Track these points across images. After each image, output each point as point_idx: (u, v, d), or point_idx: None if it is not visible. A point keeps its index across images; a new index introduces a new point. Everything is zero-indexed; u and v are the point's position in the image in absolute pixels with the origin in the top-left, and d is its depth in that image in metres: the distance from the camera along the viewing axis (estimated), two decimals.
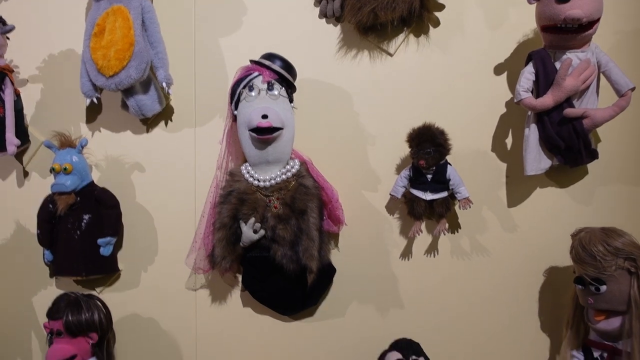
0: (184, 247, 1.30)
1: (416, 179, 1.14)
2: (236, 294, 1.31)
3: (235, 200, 1.17)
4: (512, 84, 1.15)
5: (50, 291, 1.42)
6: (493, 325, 1.17)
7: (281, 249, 1.15)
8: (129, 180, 1.39)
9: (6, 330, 1.45)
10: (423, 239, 1.20)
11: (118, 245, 1.37)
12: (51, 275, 1.41)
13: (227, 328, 1.30)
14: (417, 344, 1.10)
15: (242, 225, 1.18)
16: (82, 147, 1.33)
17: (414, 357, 1.06)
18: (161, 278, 1.35)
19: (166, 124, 1.38)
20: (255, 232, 1.17)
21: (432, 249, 1.21)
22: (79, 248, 1.31)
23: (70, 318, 1.22)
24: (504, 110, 1.18)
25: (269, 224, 1.16)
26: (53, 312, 1.24)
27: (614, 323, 0.97)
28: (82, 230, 1.31)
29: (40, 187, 1.41)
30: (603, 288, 0.96)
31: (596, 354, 1.01)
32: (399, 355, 1.06)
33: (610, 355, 0.99)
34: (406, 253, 1.22)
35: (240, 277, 1.30)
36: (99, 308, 1.27)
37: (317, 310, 1.26)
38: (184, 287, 1.34)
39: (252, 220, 1.16)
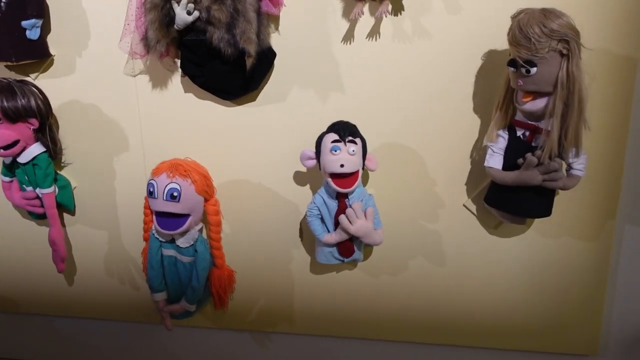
0: (118, 30, 1.37)
1: None
2: (177, 80, 1.43)
3: None
4: None
5: None
6: (430, 107, 1.34)
7: (217, 32, 1.24)
8: None
9: None
10: (364, 22, 1.30)
11: (46, 29, 1.43)
12: None
13: (170, 114, 1.45)
14: (354, 126, 1.26)
15: (175, 5, 1.24)
16: None
17: (350, 138, 1.25)
18: (97, 63, 1.44)
19: None
20: (189, 13, 1.24)
21: (374, 32, 1.31)
22: (3, 31, 1.37)
23: (6, 104, 1.34)
24: None
25: (203, 4, 1.22)
26: None
27: (539, 104, 1.14)
28: (3, 11, 1.35)
29: None
30: (534, 70, 1.10)
31: (519, 133, 1.21)
32: (336, 136, 1.25)
33: (532, 133, 1.18)
34: (348, 37, 1.32)
35: (179, 62, 1.40)
36: (35, 94, 1.40)
37: (259, 95, 1.41)
38: (122, 72, 1.45)
39: (185, 0, 1.23)
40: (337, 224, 1.31)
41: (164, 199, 1.28)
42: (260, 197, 1.48)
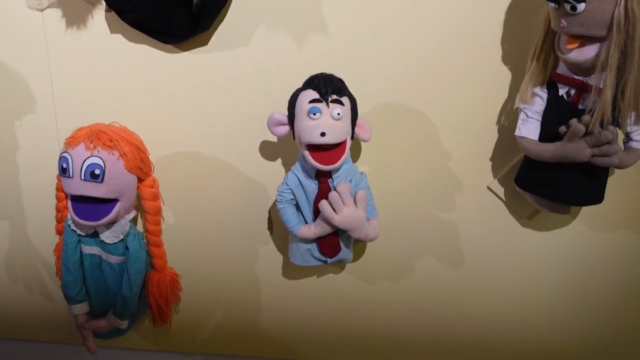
0: None
1: None
2: (100, 16, 1.39)
3: None
4: None
5: None
6: (443, 56, 1.31)
7: None
8: None
9: None
10: None
11: None
12: None
13: (91, 62, 1.41)
14: (340, 80, 1.22)
15: None
16: None
17: (334, 96, 1.20)
18: None
19: None
20: None
21: None
22: None
23: None
24: None
25: None
26: None
27: (589, 52, 1.11)
28: None
29: None
30: (581, 6, 1.07)
31: (562, 91, 1.18)
32: (315, 94, 1.20)
33: (579, 92, 1.16)
34: None
35: None
36: None
37: (212, 37, 1.37)
38: (25, 5, 1.40)
39: None
40: (317, 212, 1.29)
41: (82, 178, 1.25)
42: (215, 175, 1.46)
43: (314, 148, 1.23)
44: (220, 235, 1.51)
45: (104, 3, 1.37)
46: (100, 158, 1.26)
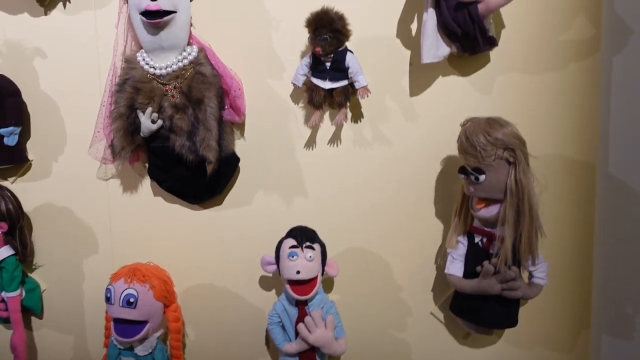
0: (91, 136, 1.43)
1: (315, 67, 1.25)
2: (146, 183, 1.46)
3: (130, 89, 1.28)
4: None
5: None
6: (393, 212, 1.34)
7: (179, 139, 1.28)
8: (31, 66, 1.47)
9: None
10: (326, 129, 1.34)
11: (26, 135, 1.50)
12: None
13: (140, 217, 1.47)
14: (312, 231, 1.27)
15: (140, 115, 1.30)
16: None
17: (308, 243, 1.23)
18: (72, 167, 1.49)
19: (64, 5, 1.43)
20: (153, 122, 1.29)
21: (335, 138, 1.35)
22: None
23: None
24: None
25: (167, 113, 1.28)
26: None
27: (493, 210, 1.14)
28: None
29: None
30: (482, 177, 1.11)
31: (477, 239, 1.19)
32: (293, 242, 1.24)
33: (489, 240, 1.17)
34: (310, 143, 1.36)
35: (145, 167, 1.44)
36: (6, 198, 1.43)
37: (225, 199, 1.42)
38: (95, 176, 1.48)
39: (150, 110, 1.28)
40: (297, 332, 1.26)
41: (120, 305, 1.25)
42: (226, 302, 1.46)
43: (292, 282, 1.23)
44: (229, 349, 1.49)
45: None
46: (135, 290, 1.27)
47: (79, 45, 1.44)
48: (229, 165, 1.36)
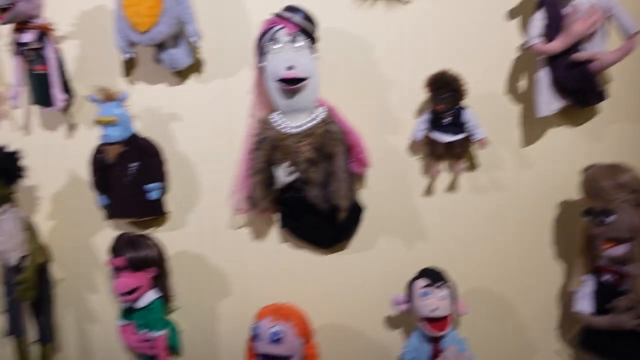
0: (223, 190, 1.59)
1: (435, 123, 1.37)
2: (274, 231, 1.60)
3: (268, 147, 1.43)
4: (523, 28, 1.34)
5: (105, 232, 1.75)
6: (513, 253, 1.42)
7: (313, 190, 1.41)
8: (168, 130, 1.66)
9: (72, 270, 1.81)
10: (443, 178, 1.44)
11: (164, 190, 1.67)
12: (106, 218, 1.74)
13: (269, 262, 1.60)
14: (442, 272, 1.36)
15: (276, 169, 1.44)
16: (123, 100, 1.60)
17: (440, 282, 1.33)
18: (205, 219, 1.65)
19: (199, 74, 1.62)
20: (288, 175, 1.43)
21: (453, 186, 1.45)
22: (129, 193, 1.61)
23: (131, 255, 1.55)
24: (516, 54, 1.37)
25: (301, 167, 1.42)
26: (116, 250, 1.57)
27: (621, 249, 1.20)
28: (131, 177, 1.61)
29: (86, 137, 1.70)
30: (611, 218, 1.18)
31: (605, 278, 1.25)
32: (426, 282, 1.34)
33: (618, 277, 1.22)
34: (429, 191, 1.47)
35: (275, 216, 1.58)
36: (155, 246, 1.60)
37: (350, 245, 1.54)
38: (226, 226, 1.63)
39: (285, 164, 1.43)
40: None
41: (268, 341, 1.37)
42: (354, 341, 1.56)
43: (428, 320, 1.32)
44: None
45: (277, 223, 1.55)
46: (281, 327, 1.38)
47: (212, 109, 1.61)
48: (354, 213, 1.48)
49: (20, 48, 1.63)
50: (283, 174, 1.42)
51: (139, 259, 1.54)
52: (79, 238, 1.78)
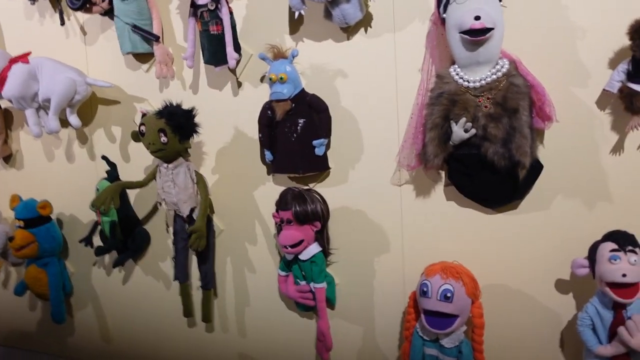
0: (387, 146, 1.59)
1: (636, 73, 1.26)
2: (439, 189, 1.57)
3: (446, 102, 1.39)
4: None
5: (268, 187, 1.81)
6: None
7: (492, 147, 1.36)
8: (333, 86, 1.67)
9: (233, 222, 1.90)
10: (636, 134, 1.33)
11: (327, 145, 1.69)
12: (270, 173, 1.79)
13: (431, 219, 1.58)
14: (632, 236, 1.26)
15: (453, 125, 1.40)
16: (294, 57, 1.62)
17: (630, 247, 1.24)
18: (367, 174, 1.65)
19: (366, 30, 1.61)
20: (466, 131, 1.39)
21: None
22: (296, 149, 1.65)
23: (298, 209, 1.59)
24: None
25: (480, 123, 1.37)
26: (282, 204, 1.62)
27: None
28: (298, 133, 1.63)
29: (253, 95, 1.76)
30: None
31: None
32: (614, 245, 1.25)
33: None
34: (617, 148, 1.36)
35: (442, 174, 1.55)
36: (319, 200, 1.63)
37: (521, 204, 1.48)
38: (389, 182, 1.62)
39: (463, 120, 1.38)
40: (612, 336, 1.27)
41: (438, 298, 1.36)
42: (521, 303, 1.51)
43: (614, 286, 1.24)
44: (522, 348, 1.53)
45: (443, 180, 1.51)
46: (451, 285, 1.36)
47: (378, 65, 1.59)
48: (532, 171, 1.41)
49: (196, 10, 1.69)
50: (460, 130, 1.38)
51: (305, 212, 1.58)
52: (241, 192, 1.85)
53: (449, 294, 1.36)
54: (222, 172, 1.89)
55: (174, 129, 1.66)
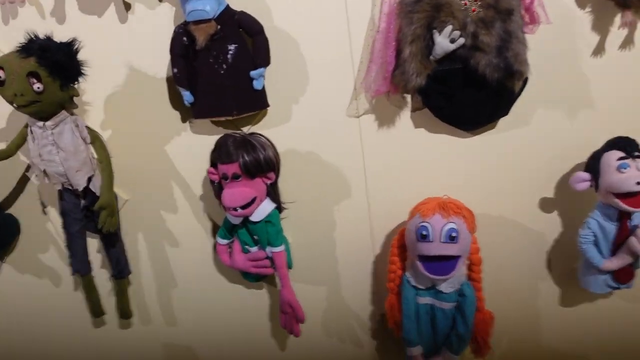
0: (339, 71, 1.30)
1: None
2: (405, 116, 1.34)
3: (428, 7, 1.15)
4: None
5: (184, 138, 1.41)
6: None
7: (485, 57, 1.16)
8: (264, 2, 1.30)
9: (139, 189, 1.47)
10: (618, 35, 1.23)
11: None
12: (187, 120, 1.39)
13: (399, 152, 1.35)
14: (635, 141, 1.17)
15: (436, 35, 1.17)
16: None
17: (637, 153, 1.15)
18: (315, 108, 1.35)
19: None
20: (452, 41, 1.16)
21: (628, 43, 1.24)
22: (227, 84, 1.28)
23: (247, 158, 1.24)
24: None
25: (468, 30, 1.15)
26: (224, 156, 1.25)
27: None
28: (229, 64, 1.26)
29: (151, 17, 1.33)
30: None
31: None
32: (621, 153, 1.15)
33: None
34: (598, 51, 1.25)
35: (407, 97, 1.31)
36: (269, 145, 1.30)
37: (498, 122, 1.32)
38: (345, 114, 1.35)
39: (449, 28, 1.15)
40: (616, 248, 1.20)
41: (442, 241, 1.16)
42: (505, 228, 1.38)
43: (624, 196, 1.14)
44: (510, 276, 1.44)
45: (409, 106, 1.28)
46: (455, 223, 1.16)
47: None
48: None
49: None
50: (445, 40, 1.15)
51: (257, 162, 1.24)
52: (147, 148, 1.42)
53: (454, 234, 1.17)
54: (117, 126, 1.43)
55: (52, 70, 1.17)
